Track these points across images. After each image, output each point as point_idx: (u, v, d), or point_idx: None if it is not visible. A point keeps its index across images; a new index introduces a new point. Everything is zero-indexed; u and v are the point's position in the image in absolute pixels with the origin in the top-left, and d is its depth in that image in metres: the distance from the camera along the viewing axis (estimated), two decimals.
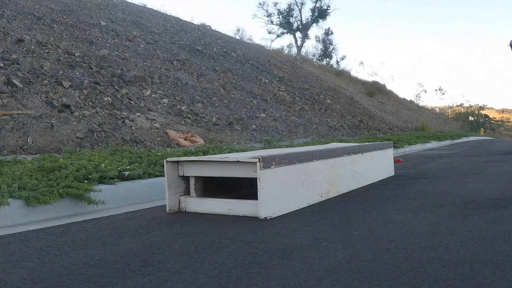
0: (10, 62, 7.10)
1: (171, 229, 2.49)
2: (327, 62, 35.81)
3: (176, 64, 11.38)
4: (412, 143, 10.22)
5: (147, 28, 13.73)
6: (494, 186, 3.73)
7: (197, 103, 9.45)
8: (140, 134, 6.60)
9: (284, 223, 2.55)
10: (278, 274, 1.65)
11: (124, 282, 1.62)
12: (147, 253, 2.00)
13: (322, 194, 3.28)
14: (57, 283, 1.62)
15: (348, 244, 2.04)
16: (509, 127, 45.25)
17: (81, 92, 7.26)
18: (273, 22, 37.13)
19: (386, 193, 3.58)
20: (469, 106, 35.81)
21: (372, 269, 1.67)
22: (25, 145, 5.13)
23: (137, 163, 4.06)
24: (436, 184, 3.99)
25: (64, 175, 3.18)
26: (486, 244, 1.97)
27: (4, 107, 5.90)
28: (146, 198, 3.46)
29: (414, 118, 21.55)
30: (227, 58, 14.68)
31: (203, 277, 1.64)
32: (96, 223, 2.69)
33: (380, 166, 4.48)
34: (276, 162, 2.77)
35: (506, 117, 51.71)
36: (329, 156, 3.41)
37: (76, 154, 4.51)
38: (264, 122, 10.11)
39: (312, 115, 12.84)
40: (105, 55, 9.51)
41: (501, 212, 2.64)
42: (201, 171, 2.98)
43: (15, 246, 2.16)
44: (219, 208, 2.88)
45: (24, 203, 2.72)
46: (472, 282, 1.50)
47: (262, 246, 2.05)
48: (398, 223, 2.46)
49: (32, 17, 9.95)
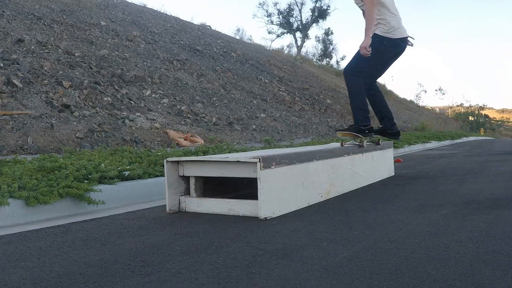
0: (10, 62, 7.10)
1: (171, 229, 2.49)
2: (327, 62, 35.81)
3: (176, 64, 11.38)
4: (412, 143, 10.22)
5: (147, 28, 13.73)
6: (494, 186, 3.73)
7: (197, 103, 9.45)
8: (140, 134, 6.60)
9: (284, 223, 2.55)
10: (278, 274, 1.65)
11: (124, 282, 1.62)
12: (147, 253, 2.00)
13: (322, 194, 3.28)
14: (57, 283, 1.62)
15: (348, 244, 2.04)
16: (509, 127, 45.26)
17: (81, 92, 7.26)
18: (273, 22, 37.16)
19: (386, 193, 3.58)
20: (469, 106, 35.82)
21: (372, 269, 1.67)
22: (25, 145, 5.13)
23: (137, 163, 4.06)
24: (436, 184, 3.99)
25: (64, 175, 3.18)
26: (486, 244, 1.97)
27: (4, 107, 5.90)
28: (146, 198, 3.46)
29: (414, 118, 21.56)
30: (227, 58, 14.68)
31: (203, 277, 1.64)
32: (96, 223, 2.69)
33: (380, 166, 4.48)
34: (276, 162, 2.77)
35: (506, 117, 51.74)
36: (329, 156, 3.41)
37: (76, 154, 4.51)
38: (264, 122, 10.11)
39: (312, 115, 12.84)
40: (105, 55, 9.50)
41: (501, 212, 2.64)
42: (201, 171, 2.98)
43: (15, 246, 2.16)
44: (219, 208, 2.88)
45: (24, 203, 2.72)
46: (472, 282, 1.50)
47: (262, 246, 2.05)
48: (398, 223, 2.46)
49: (32, 17, 9.95)
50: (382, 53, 4.03)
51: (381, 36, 4.00)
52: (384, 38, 3.99)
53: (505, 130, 40.56)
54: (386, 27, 4.01)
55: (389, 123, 4.43)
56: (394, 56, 4.18)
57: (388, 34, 4.00)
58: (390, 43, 4.02)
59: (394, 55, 4.16)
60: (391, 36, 4.01)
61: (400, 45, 4.10)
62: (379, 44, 3.97)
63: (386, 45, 4.01)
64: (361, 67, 4.03)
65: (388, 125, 4.43)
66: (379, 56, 4.01)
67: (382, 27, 4.02)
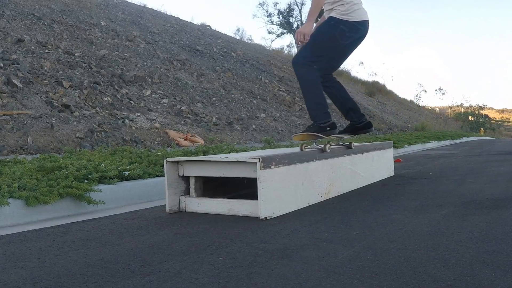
0: (10, 62, 7.10)
1: (171, 229, 2.49)
2: None
3: (176, 64, 11.38)
4: (412, 143, 10.21)
5: (147, 28, 13.73)
6: (494, 186, 3.73)
7: (197, 103, 9.45)
8: (140, 134, 6.60)
9: (284, 223, 2.55)
10: (278, 274, 1.65)
11: (124, 282, 1.62)
12: (147, 253, 2.00)
13: (322, 194, 3.28)
14: (57, 283, 1.62)
15: (348, 244, 2.04)
16: (509, 127, 45.28)
17: (81, 92, 7.26)
18: (273, 22, 37.11)
19: (386, 193, 3.58)
20: (469, 106, 35.87)
21: (372, 269, 1.67)
22: (25, 145, 5.13)
23: (137, 163, 4.06)
24: (436, 184, 3.99)
25: (64, 175, 3.18)
26: (486, 244, 1.97)
27: (4, 107, 5.90)
28: (146, 198, 3.46)
29: (414, 118, 21.56)
30: (227, 58, 14.68)
31: (203, 277, 1.64)
32: (96, 223, 2.69)
33: (380, 166, 4.48)
34: (276, 162, 2.77)
35: (506, 117, 51.79)
36: (329, 156, 3.41)
37: (76, 154, 4.51)
38: (264, 122, 10.11)
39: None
40: (105, 55, 9.50)
41: (501, 212, 2.64)
42: (201, 171, 2.98)
43: (15, 246, 2.16)
44: (219, 208, 2.88)
45: (24, 203, 2.72)
46: (472, 282, 1.50)
47: (262, 246, 2.05)
48: (398, 223, 2.46)
49: (32, 17, 9.95)
50: (338, 39, 3.42)
51: (337, 19, 3.40)
52: (340, 22, 3.39)
53: (505, 130, 40.58)
54: (343, 8, 3.40)
55: (355, 116, 3.82)
56: (353, 43, 3.55)
57: (346, 17, 3.40)
58: (348, 27, 3.41)
59: (353, 41, 3.53)
60: (349, 19, 3.39)
61: (360, 29, 3.48)
62: (334, 29, 3.40)
63: (343, 29, 3.40)
64: (315, 57, 3.41)
65: (355, 119, 3.82)
66: (335, 43, 3.43)
67: (339, 8, 3.41)
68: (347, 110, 3.84)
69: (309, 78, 3.43)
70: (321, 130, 3.40)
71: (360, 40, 3.58)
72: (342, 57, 3.71)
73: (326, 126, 3.41)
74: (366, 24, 3.52)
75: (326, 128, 3.41)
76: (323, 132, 3.40)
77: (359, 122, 3.81)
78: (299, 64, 3.45)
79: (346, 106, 3.84)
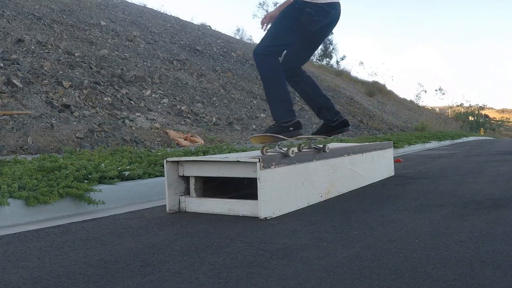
0: (10, 62, 7.10)
1: (171, 229, 2.49)
2: (327, 62, 35.76)
3: (176, 64, 11.38)
4: (412, 143, 10.21)
5: (147, 28, 13.73)
6: (494, 186, 3.73)
7: (197, 103, 9.45)
8: (140, 134, 6.60)
9: (284, 223, 2.55)
10: (278, 274, 1.65)
11: (124, 282, 1.62)
12: (147, 253, 2.00)
13: (322, 194, 3.28)
14: (57, 283, 1.62)
15: (348, 244, 2.04)
16: (509, 127, 45.28)
17: (81, 92, 7.26)
18: None
19: (386, 193, 3.58)
20: (469, 106, 35.88)
21: (372, 269, 1.67)
22: (25, 145, 5.13)
23: (137, 163, 4.06)
24: (436, 184, 3.99)
25: (64, 175, 3.18)
26: (486, 244, 1.97)
27: (4, 107, 5.90)
28: (146, 198, 3.46)
29: (414, 118, 21.56)
30: (227, 58, 14.68)
31: (203, 277, 1.64)
32: (96, 223, 2.69)
33: (380, 166, 4.48)
34: (276, 162, 2.77)
35: (506, 117, 51.80)
36: (329, 156, 3.41)
37: (76, 154, 4.51)
38: (264, 122, 10.11)
39: (312, 115, 12.83)
40: (105, 55, 9.50)
41: (501, 212, 2.64)
42: (201, 171, 2.98)
43: (15, 246, 2.16)
44: (219, 208, 2.88)
45: (24, 203, 2.72)
46: (472, 282, 1.50)
47: (262, 246, 2.05)
48: (398, 223, 2.46)
49: (32, 17, 9.95)
50: (305, 25, 2.93)
51: (302, 1, 2.91)
52: (306, 4, 2.89)
53: (505, 130, 40.59)
54: None
55: (329, 114, 3.33)
56: (323, 29, 3.09)
57: None
58: (315, 10, 2.91)
59: (322, 27, 3.05)
60: (316, 1, 2.91)
61: (330, 13, 2.99)
62: (299, 13, 2.91)
63: (310, 13, 2.91)
64: (277, 46, 2.97)
65: (329, 117, 3.33)
66: (300, 29, 2.95)
67: None
68: (319, 107, 3.35)
69: (269, 71, 2.96)
70: (282, 131, 2.92)
71: (331, 26, 3.13)
72: (311, 46, 3.28)
73: (288, 126, 2.94)
74: (337, 7, 3.04)
75: (288, 128, 2.93)
76: (285, 133, 2.93)
77: (333, 121, 3.32)
78: (259, 54, 2.95)
79: (318, 103, 3.35)
